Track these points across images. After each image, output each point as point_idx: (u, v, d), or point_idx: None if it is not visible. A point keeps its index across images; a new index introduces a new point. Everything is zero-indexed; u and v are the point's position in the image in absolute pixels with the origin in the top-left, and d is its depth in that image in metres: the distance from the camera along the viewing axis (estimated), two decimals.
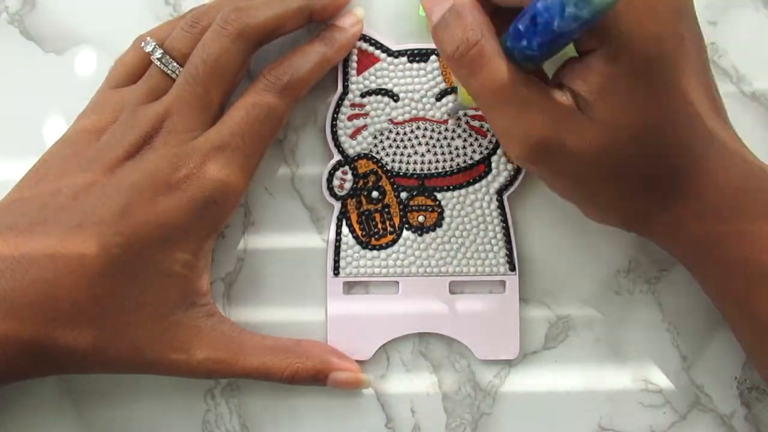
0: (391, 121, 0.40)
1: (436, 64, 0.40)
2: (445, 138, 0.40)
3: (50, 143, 0.38)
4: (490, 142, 0.40)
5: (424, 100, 0.40)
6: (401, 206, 0.40)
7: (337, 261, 0.40)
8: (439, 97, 0.40)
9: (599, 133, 0.33)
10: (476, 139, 0.40)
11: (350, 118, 0.40)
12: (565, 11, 0.29)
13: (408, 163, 0.40)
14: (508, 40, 0.32)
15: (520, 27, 0.31)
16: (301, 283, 0.40)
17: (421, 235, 0.40)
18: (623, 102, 0.33)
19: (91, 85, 0.39)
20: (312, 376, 0.38)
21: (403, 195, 0.40)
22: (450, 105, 0.40)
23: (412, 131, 0.40)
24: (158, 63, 0.37)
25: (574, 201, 0.37)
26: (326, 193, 0.40)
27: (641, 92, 0.33)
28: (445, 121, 0.40)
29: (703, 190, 0.34)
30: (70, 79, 0.41)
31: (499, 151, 0.40)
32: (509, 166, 0.40)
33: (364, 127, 0.40)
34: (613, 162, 0.33)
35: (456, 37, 0.33)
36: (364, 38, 0.40)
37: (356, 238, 0.40)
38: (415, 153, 0.40)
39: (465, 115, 0.40)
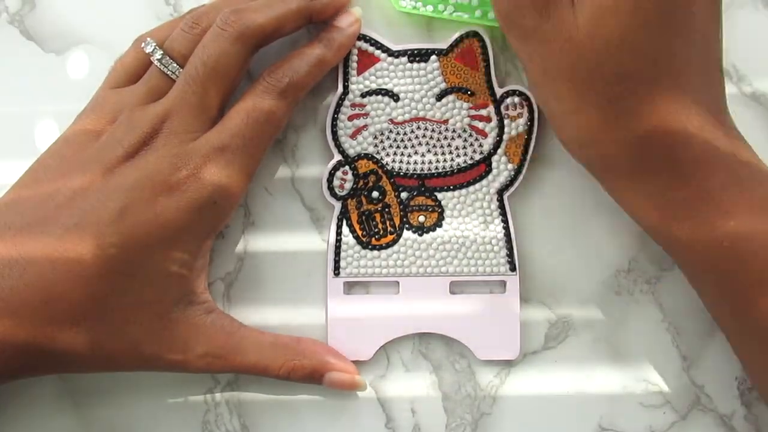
0: (391, 121, 0.40)
1: (437, 64, 0.40)
2: (446, 138, 0.40)
3: (49, 143, 0.38)
4: (491, 142, 0.40)
5: (425, 100, 0.40)
6: (401, 206, 0.40)
7: (337, 261, 0.40)
8: (440, 97, 0.40)
9: (580, 30, 0.33)
10: (476, 139, 0.40)
11: (350, 118, 0.40)
12: None
13: (408, 163, 0.40)
14: None
15: None
16: (302, 283, 0.40)
17: (421, 235, 0.40)
18: (609, 7, 0.33)
19: (90, 85, 0.39)
20: (308, 374, 0.38)
21: (404, 195, 0.40)
22: (450, 104, 0.40)
23: (412, 131, 0.40)
24: (158, 64, 0.37)
25: (540, 102, 0.37)
26: (326, 193, 0.40)
27: (626, 6, 0.33)
28: (446, 121, 0.40)
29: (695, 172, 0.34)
30: (70, 79, 0.41)
31: (499, 151, 0.40)
32: (510, 166, 0.40)
33: (365, 127, 0.40)
34: (585, 66, 0.34)
35: None
36: (364, 38, 0.40)
37: (356, 238, 0.40)
38: (416, 153, 0.40)
39: (466, 116, 0.40)
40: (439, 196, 0.40)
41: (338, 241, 0.40)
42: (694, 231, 0.35)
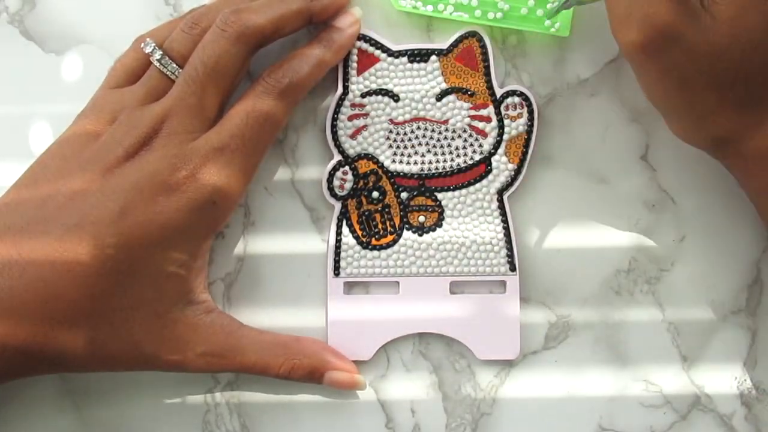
0: (391, 121, 0.40)
1: (437, 65, 0.40)
2: (446, 138, 0.40)
3: (49, 143, 0.38)
4: (491, 142, 0.40)
5: (425, 100, 0.40)
6: (401, 206, 0.40)
7: (337, 261, 0.40)
8: (440, 97, 0.40)
9: (720, 32, 0.32)
10: (477, 139, 0.40)
11: (350, 118, 0.40)
12: None
13: (408, 163, 0.40)
14: None
15: None
16: (302, 283, 0.40)
17: (421, 235, 0.40)
18: (749, 5, 0.32)
19: (90, 85, 0.39)
20: (308, 373, 0.38)
21: (404, 195, 0.40)
22: (450, 104, 0.40)
23: (412, 131, 0.40)
24: (158, 64, 0.37)
25: (668, 109, 0.36)
26: (326, 194, 0.40)
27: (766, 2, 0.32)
28: (446, 122, 0.40)
29: None
30: (69, 79, 0.41)
31: (499, 151, 0.40)
32: (510, 167, 0.40)
33: (365, 127, 0.40)
34: (725, 66, 0.33)
35: None
36: (364, 38, 0.40)
37: (356, 238, 0.40)
38: (416, 153, 0.40)
39: (466, 116, 0.40)
40: (439, 196, 0.40)
41: (338, 241, 0.40)
42: None
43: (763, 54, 0.33)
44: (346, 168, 0.40)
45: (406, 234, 0.40)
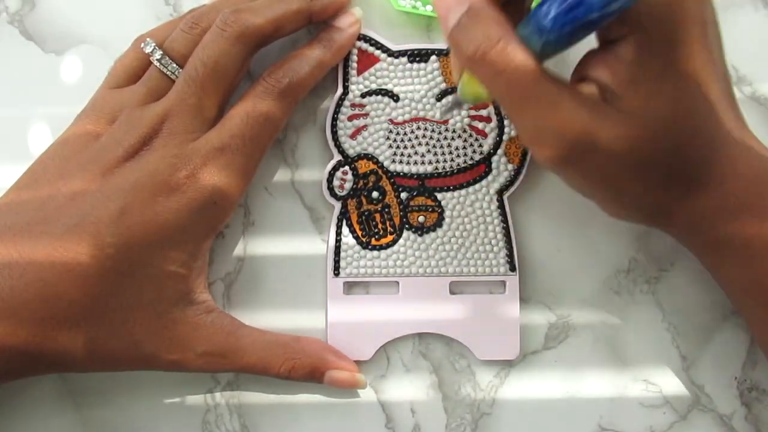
0: (391, 121, 0.40)
1: (437, 65, 0.40)
2: (446, 138, 0.40)
3: (49, 144, 0.38)
4: (490, 142, 0.40)
5: (425, 100, 0.40)
6: (401, 206, 0.40)
7: (337, 261, 0.40)
8: (440, 97, 0.40)
9: (630, 125, 0.32)
10: (476, 140, 0.40)
11: (350, 118, 0.40)
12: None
13: (408, 163, 0.40)
14: (530, 33, 0.31)
15: (550, 17, 0.30)
16: (301, 283, 0.40)
17: (421, 235, 0.40)
18: (654, 91, 0.32)
19: (90, 85, 0.39)
20: (308, 372, 0.38)
21: (404, 195, 0.40)
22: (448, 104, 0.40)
23: (412, 131, 0.40)
24: (158, 64, 0.37)
25: (597, 199, 0.36)
26: (326, 193, 0.40)
27: (671, 80, 0.32)
28: (446, 122, 0.40)
29: (723, 179, 0.34)
30: (69, 79, 0.41)
31: (499, 151, 0.40)
32: (510, 167, 0.40)
33: (365, 127, 0.40)
34: (644, 155, 0.32)
35: (477, 38, 0.32)
36: (364, 38, 0.40)
37: (356, 238, 0.40)
38: (416, 153, 0.40)
39: (466, 116, 0.40)
40: (439, 196, 0.40)
41: (338, 241, 0.40)
42: (717, 219, 0.35)
43: (676, 133, 0.33)
44: (346, 168, 0.40)
45: (406, 234, 0.40)
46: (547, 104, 0.32)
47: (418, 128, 0.40)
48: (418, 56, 0.40)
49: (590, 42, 0.33)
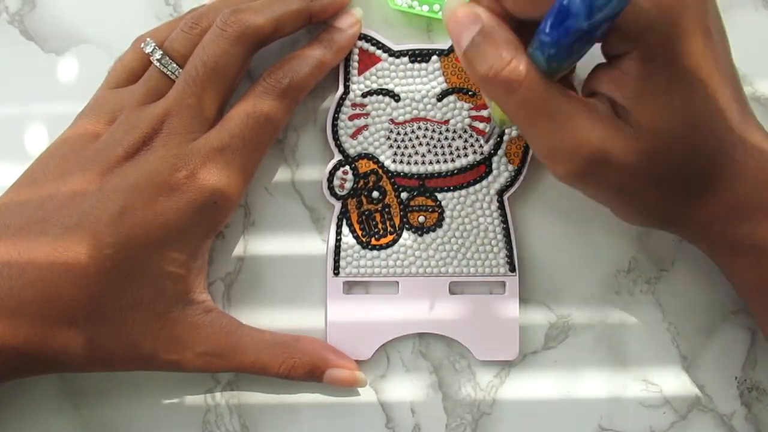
0: (392, 121, 0.40)
1: (438, 65, 0.40)
2: (446, 138, 0.40)
3: (49, 143, 0.38)
4: (491, 143, 0.40)
5: (425, 100, 0.40)
6: (402, 206, 0.40)
7: (337, 261, 0.40)
8: (440, 97, 0.40)
9: (642, 138, 0.33)
10: (477, 140, 0.40)
11: (351, 117, 0.40)
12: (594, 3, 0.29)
13: (408, 163, 0.40)
14: (535, 50, 0.32)
15: (546, 31, 0.31)
16: (301, 283, 0.40)
17: (421, 235, 0.40)
18: (662, 103, 0.32)
19: (90, 85, 0.39)
20: (308, 371, 0.38)
21: (404, 195, 0.40)
22: (450, 104, 0.40)
23: (413, 131, 0.40)
24: (158, 64, 0.37)
25: (612, 207, 0.37)
26: (326, 193, 0.40)
27: (678, 91, 0.32)
28: (446, 122, 0.40)
29: (735, 181, 0.34)
30: (69, 79, 0.41)
31: (499, 152, 0.40)
32: (510, 167, 0.40)
33: (365, 127, 0.40)
34: (657, 166, 0.33)
35: (489, 58, 0.32)
36: (366, 38, 0.40)
37: (356, 238, 0.40)
38: (416, 153, 0.40)
39: (466, 116, 0.40)
40: (439, 196, 0.40)
41: (338, 240, 0.40)
42: (729, 222, 0.35)
43: (687, 142, 0.33)
44: (347, 167, 0.40)
45: (406, 234, 0.40)
46: (559, 121, 0.32)
47: (419, 128, 0.40)
48: (419, 56, 0.40)
49: (598, 55, 0.34)
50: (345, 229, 0.40)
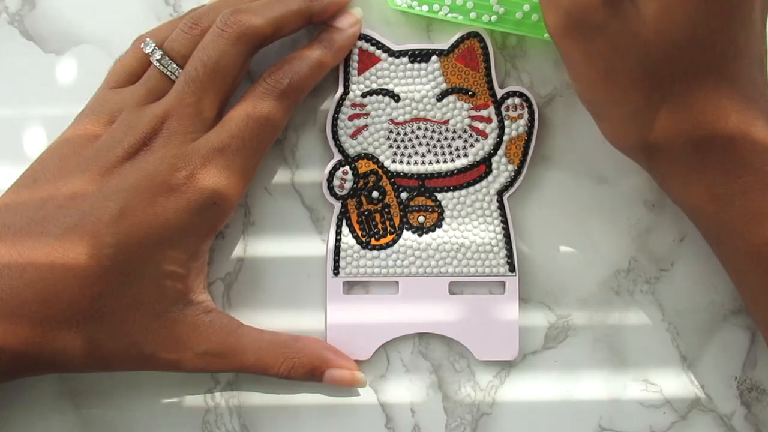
0: (391, 121, 0.40)
1: (437, 65, 0.40)
2: (446, 138, 0.40)
3: (49, 144, 0.38)
4: (491, 143, 0.40)
5: (425, 100, 0.40)
6: (401, 206, 0.40)
7: (337, 261, 0.40)
8: (440, 97, 0.40)
9: (644, 26, 0.32)
10: (477, 140, 0.40)
11: (351, 117, 0.40)
12: None
13: (408, 163, 0.40)
14: None
15: None
16: (301, 283, 0.40)
17: (421, 235, 0.40)
18: (675, 3, 0.32)
19: (90, 85, 0.39)
20: (308, 371, 0.38)
21: (404, 195, 0.40)
22: (450, 104, 0.40)
23: (412, 131, 0.40)
24: (158, 64, 0.37)
25: (596, 105, 0.36)
26: (326, 193, 0.40)
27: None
28: (446, 122, 0.40)
29: (724, 124, 0.33)
30: (69, 80, 0.41)
31: (499, 152, 0.40)
32: (510, 167, 0.40)
33: (365, 127, 0.40)
34: (651, 63, 0.33)
35: None
36: (365, 38, 0.40)
37: (356, 238, 0.40)
38: (416, 153, 0.40)
39: (466, 116, 0.40)
40: (439, 196, 0.40)
41: (338, 241, 0.40)
42: (750, 220, 0.34)
43: (687, 56, 0.33)
44: (346, 167, 0.40)
45: (406, 234, 0.40)
46: None
47: (419, 128, 0.40)
48: (419, 56, 0.40)
49: None
50: (345, 230, 0.40)
